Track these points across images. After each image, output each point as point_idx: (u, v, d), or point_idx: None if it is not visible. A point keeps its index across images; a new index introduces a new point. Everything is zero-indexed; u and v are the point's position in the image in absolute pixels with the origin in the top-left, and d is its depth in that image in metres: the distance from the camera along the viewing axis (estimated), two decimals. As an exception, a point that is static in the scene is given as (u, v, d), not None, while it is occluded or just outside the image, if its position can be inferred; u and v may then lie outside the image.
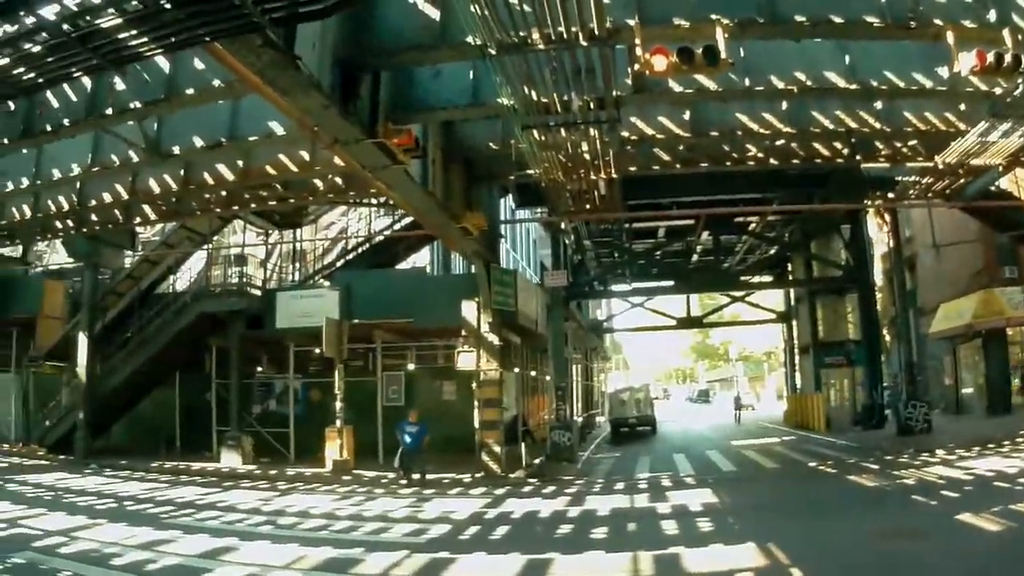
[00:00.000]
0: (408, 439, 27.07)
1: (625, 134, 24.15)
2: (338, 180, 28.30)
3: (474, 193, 27.70)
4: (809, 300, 52.75)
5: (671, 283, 59.98)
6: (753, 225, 50.43)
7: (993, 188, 34.38)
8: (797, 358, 61.16)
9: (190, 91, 19.45)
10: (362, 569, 14.78)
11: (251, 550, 16.64)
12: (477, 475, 28.69)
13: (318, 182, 28.81)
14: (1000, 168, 28.42)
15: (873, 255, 51.06)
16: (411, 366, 39.21)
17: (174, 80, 19.52)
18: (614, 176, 24.71)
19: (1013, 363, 44.62)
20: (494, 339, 29.69)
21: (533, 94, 17.74)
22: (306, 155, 25.99)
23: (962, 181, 29.59)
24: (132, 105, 20.12)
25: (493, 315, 29.60)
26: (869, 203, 39.98)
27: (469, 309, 30.09)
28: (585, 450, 41.59)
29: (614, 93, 18.34)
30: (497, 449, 29.14)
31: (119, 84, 19.92)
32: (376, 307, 33.95)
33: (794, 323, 62.18)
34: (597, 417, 68.57)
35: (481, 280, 29.59)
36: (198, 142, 24.55)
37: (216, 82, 18.94)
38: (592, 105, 18.56)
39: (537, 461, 31.48)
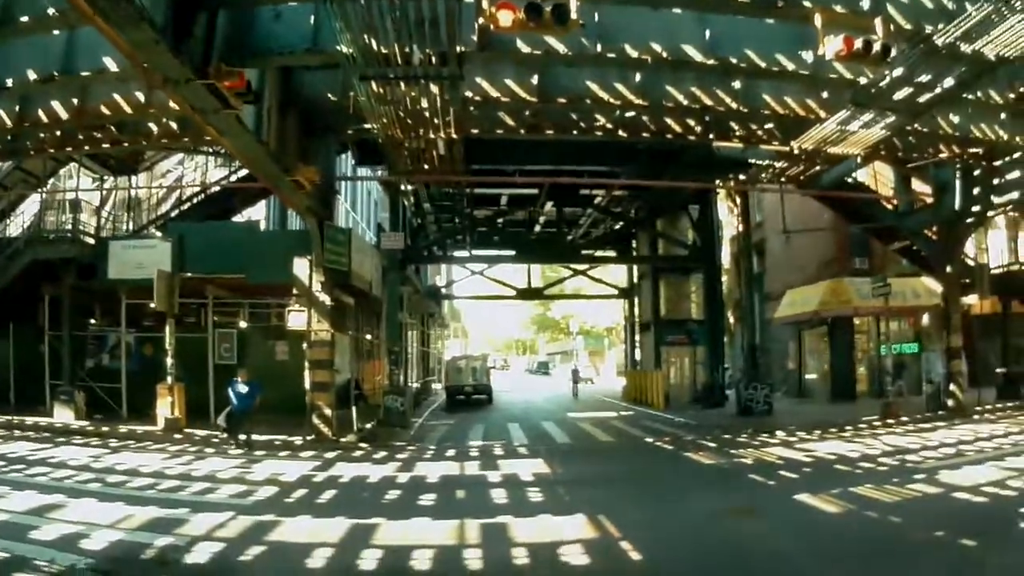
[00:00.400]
0: (236, 399, 26.17)
1: (469, 94, 23.61)
2: (173, 125, 27.28)
3: (310, 146, 26.85)
4: (653, 277, 52.84)
5: (512, 252, 59.47)
6: (599, 198, 50.17)
7: (849, 179, 35.37)
8: (638, 335, 61.54)
9: (24, 18, 18.87)
10: (187, 530, 14.04)
11: (79, 508, 15.87)
12: (308, 438, 27.75)
13: (153, 126, 27.66)
14: (858, 159, 28.80)
15: (722, 237, 51.18)
16: (243, 324, 38.23)
17: (9, 6, 18.90)
18: (455, 136, 24.24)
19: (859, 352, 45.84)
20: (326, 299, 28.67)
21: (373, 43, 17.26)
22: (141, 96, 24.79)
23: (817, 169, 29.84)
24: (-37, 31, 19.14)
25: (325, 274, 28.52)
26: (720, 184, 40.15)
27: (301, 267, 28.83)
28: (419, 416, 41.42)
29: (458, 48, 17.83)
30: (328, 412, 28.22)
31: (-50, 8, 18.93)
32: (209, 261, 32.41)
33: (636, 299, 62.46)
34: (433, 384, 68.30)
35: (314, 237, 28.43)
36: (31, 75, 23.40)
37: (51, 10, 18.44)
38: (434, 60, 18.11)
39: (369, 426, 30.70)
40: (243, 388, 26.13)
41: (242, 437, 26.09)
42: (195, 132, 26.31)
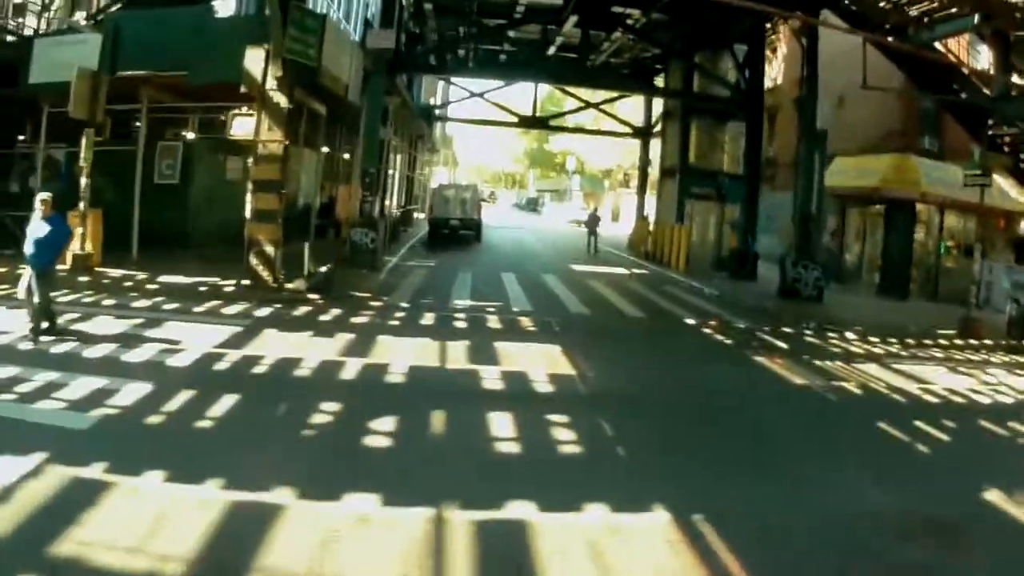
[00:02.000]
0: (33, 248, 15.10)
1: None
2: None
3: None
4: (682, 118, 44.89)
5: (521, 71, 52.31)
6: (633, 19, 42.22)
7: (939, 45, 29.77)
8: (656, 181, 53.53)
9: None
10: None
11: None
12: (245, 283, 21.60)
13: None
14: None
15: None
16: (191, 135, 31.00)
17: None
18: None
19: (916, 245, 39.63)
20: (282, 100, 21.98)
21: None
22: None
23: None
24: None
25: (284, 68, 21.77)
26: (790, 16, 33.21)
27: (254, 58, 21.89)
28: (395, 254, 35.76)
29: None
30: (270, 250, 21.87)
31: None
32: (148, 56, 25.01)
33: (654, 142, 55.66)
34: (416, 214, 62.76)
35: (274, 18, 21.54)
36: None
37: None
38: None
39: (324, 269, 23.41)
40: (41, 229, 15.22)
41: (44, 325, 15.13)
42: None
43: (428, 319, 20.21)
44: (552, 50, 49.96)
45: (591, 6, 38.75)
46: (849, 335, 24.02)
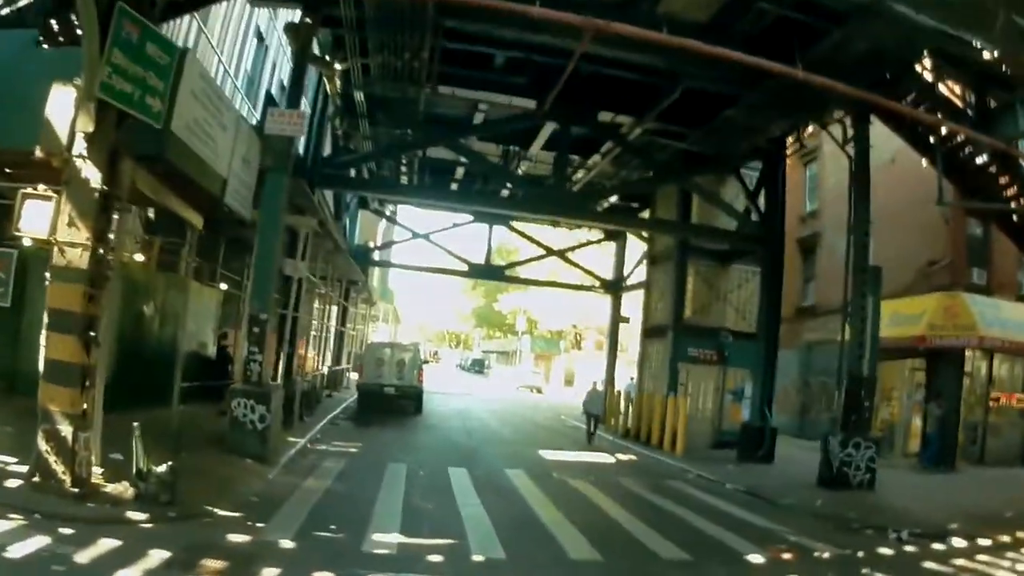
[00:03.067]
0: None
1: None
2: None
3: None
4: (679, 261, 36.67)
5: (475, 200, 45.68)
6: (625, 127, 32.99)
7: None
8: (638, 342, 44.34)
9: None
10: None
11: None
12: (34, 479, 12.75)
13: None
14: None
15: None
16: (28, 240, 20.87)
17: None
18: None
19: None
20: (92, 173, 12.92)
21: None
22: None
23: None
24: None
25: (100, 118, 12.89)
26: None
27: (61, 101, 13.54)
28: (306, 432, 26.36)
29: None
30: (67, 431, 12.78)
31: None
32: None
33: (627, 297, 48.24)
34: (348, 373, 54.02)
35: (88, 31, 12.69)
36: None
37: None
38: None
39: (162, 470, 13.79)
40: None
41: None
42: None
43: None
44: (520, 170, 41.30)
45: (571, 111, 30.82)
46: (956, 543, 17.63)
